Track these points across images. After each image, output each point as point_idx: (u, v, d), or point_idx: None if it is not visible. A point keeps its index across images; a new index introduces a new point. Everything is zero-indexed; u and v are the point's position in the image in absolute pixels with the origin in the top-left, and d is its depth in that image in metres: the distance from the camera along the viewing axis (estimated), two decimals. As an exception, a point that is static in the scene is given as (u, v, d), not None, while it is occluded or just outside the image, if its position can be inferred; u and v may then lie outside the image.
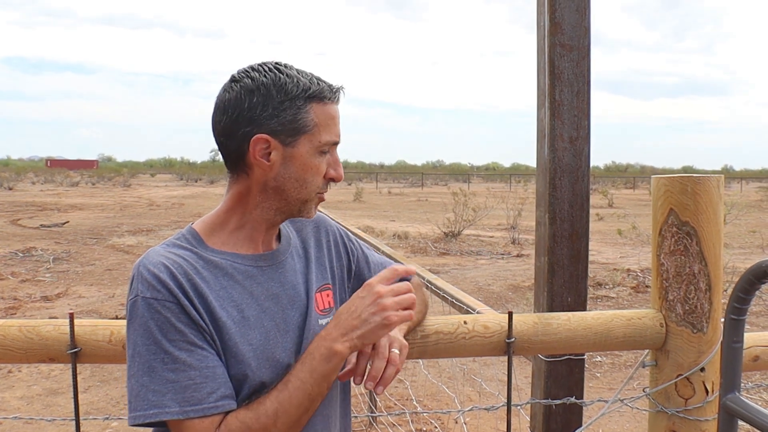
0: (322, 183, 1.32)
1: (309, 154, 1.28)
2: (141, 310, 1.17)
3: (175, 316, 1.17)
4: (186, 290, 1.19)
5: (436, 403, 5.00)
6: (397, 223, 19.35)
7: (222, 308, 1.22)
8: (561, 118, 1.93)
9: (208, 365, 1.18)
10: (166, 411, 1.13)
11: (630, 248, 14.25)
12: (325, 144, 1.29)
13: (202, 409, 1.15)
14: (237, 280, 1.26)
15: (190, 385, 1.15)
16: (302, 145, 1.27)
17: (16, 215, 20.70)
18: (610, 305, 8.58)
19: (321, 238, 1.47)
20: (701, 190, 1.54)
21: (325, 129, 1.28)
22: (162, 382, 1.14)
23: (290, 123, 1.25)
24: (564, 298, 1.96)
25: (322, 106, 1.28)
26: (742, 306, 1.14)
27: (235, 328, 1.22)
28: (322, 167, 1.31)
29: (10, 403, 5.07)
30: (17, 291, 9.26)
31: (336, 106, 1.31)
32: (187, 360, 1.16)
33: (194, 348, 1.17)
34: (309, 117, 1.26)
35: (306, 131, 1.27)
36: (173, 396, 1.14)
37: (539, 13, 1.99)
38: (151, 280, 1.18)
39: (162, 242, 1.30)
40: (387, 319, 1.22)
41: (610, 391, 5.33)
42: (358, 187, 38.52)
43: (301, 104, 1.26)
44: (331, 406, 1.37)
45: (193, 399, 1.14)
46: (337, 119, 1.31)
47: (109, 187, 43.76)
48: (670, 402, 1.59)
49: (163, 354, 1.15)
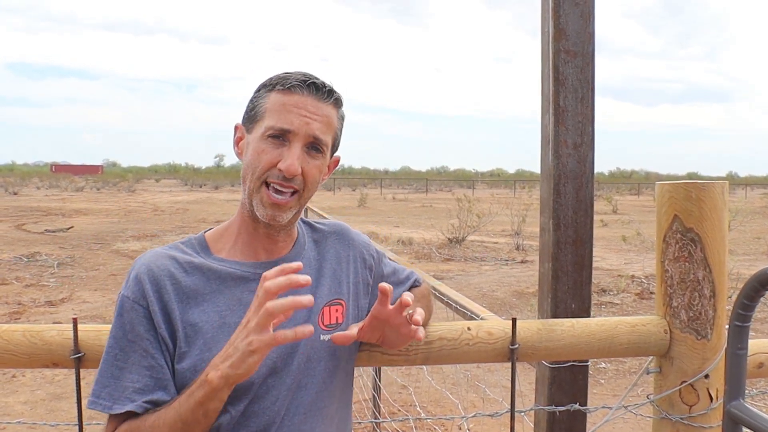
0: (269, 172, 1.26)
1: (257, 139, 1.28)
2: (118, 306, 1.24)
3: (139, 319, 1.22)
4: (160, 296, 1.22)
5: (440, 410, 4.98)
6: (402, 229, 19.34)
7: (203, 312, 1.24)
8: (565, 125, 1.93)
9: (153, 375, 1.21)
10: (99, 403, 1.20)
11: (634, 254, 14.22)
12: (270, 128, 1.26)
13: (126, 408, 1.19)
14: (228, 286, 1.28)
15: (128, 387, 1.20)
16: (255, 131, 1.30)
17: (21, 220, 20.74)
18: (615, 312, 8.56)
19: (341, 251, 1.45)
20: (705, 197, 1.54)
21: (275, 114, 1.26)
22: (107, 376, 1.21)
23: (251, 111, 1.31)
24: (568, 305, 1.95)
25: (280, 94, 1.28)
26: (746, 313, 1.14)
27: (211, 332, 1.24)
28: (269, 154, 1.26)
29: (13, 407, 5.07)
30: (21, 296, 9.27)
31: (301, 98, 1.26)
32: (136, 363, 1.21)
33: (146, 354, 1.21)
34: (263, 103, 1.29)
35: (258, 117, 1.29)
36: (111, 391, 1.20)
37: (543, 20, 1.99)
38: (133, 280, 1.24)
39: (168, 244, 1.33)
40: (250, 344, 1.09)
41: (614, 398, 5.31)
42: (362, 193, 38.51)
43: (262, 93, 1.30)
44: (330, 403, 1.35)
45: (126, 400, 1.19)
46: (296, 109, 1.25)
47: (114, 193, 43.85)
48: (674, 409, 1.59)
49: (118, 351, 1.22)
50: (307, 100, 1.27)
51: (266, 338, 1.08)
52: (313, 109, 1.27)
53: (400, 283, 1.54)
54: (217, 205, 29.74)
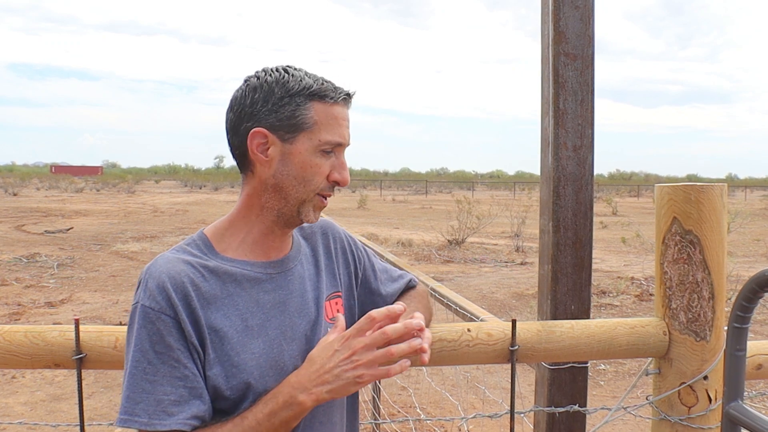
0: (323, 184, 1.30)
1: (308, 152, 1.27)
2: (138, 317, 1.18)
3: (167, 329, 1.18)
4: (187, 303, 1.19)
5: (440, 411, 4.99)
6: (401, 231, 19.35)
7: (225, 317, 1.22)
8: (565, 127, 1.94)
9: (186, 385, 1.18)
10: (135, 420, 1.14)
11: (634, 256, 14.23)
12: (326, 143, 1.27)
13: (169, 424, 1.15)
14: (244, 288, 1.27)
15: (164, 400, 1.15)
16: (301, 143, 1.27)
17: (21, 221, 20.75)
18: (614, 313, 8.56)
19: (330, 245, 1.47)
20: (704, 199, 1.54)
21: (326, 128, 1.27)
22: (138, 391, 1.15)
23: (288, 119, 1.26)
24: (567, 306, 1.96)
25: (324, 105, 1.27)
26: (745, 314, 1.15)
27: (236, 337, 1.22)
28: (324, 167, 1.29)
29: (14, 408, 5.08)
30: (21, 297, 9.28)
31: (342, 108, 1.29)
32: (167, 374, 1.16)
33: (177, 365, 1.17)
34: (309, 114, 1.26)
35: (305, 128, 1.26)
36: (145, 407, 1.15)
37: (543, 22, 2.00)
38: (153, 290, 1.19)
39: (172, 247, 1.30)
40: (360, 377, 1.19)
41: (613, 399, 5.32)
42: (362, 194, 38.53)
43: (301, 101, 1.26)
44: (335, 410, 1.37)
45: (163, 414, 1.15)
46: (342, 121, 1.29)
47: (114, 194, 43.87)
48: (673, 410, 1.59)
49: (146, 364, 1.16)
50: (345, 111, 1.31)
51: (379, 373, 1.19)
52: (348, 118, 1.32)
53: (393, 280, 1.55)
54: (217, 207, 29.74)
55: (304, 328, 1.31)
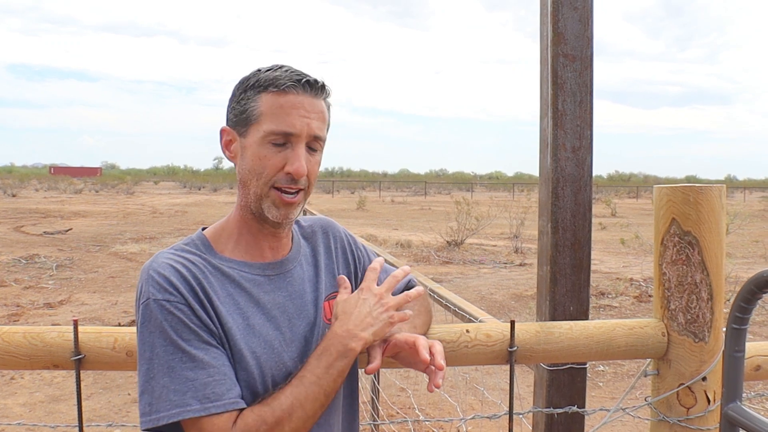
0: (276, 176, 1.25)
1: (257, 144, 1.25)
2: (154, 312, 1.17)
3: (188, 317, 1.18)
4: (196, 292, 1.20)
5: (438, 412, 4.99)
6: (400, 232, 19.35)
7: (228, 314, 1.23)
8: (564, 128, 1.94)
9: (224, 363, 1.19)
10: (188, 409, 1.14)
11: (633, 258, 14.23)
12: (270, 133, 1.24)
13: (223, 404, 1.15)
14: (244, 288, 1.27)
15: (210, 383, 1.16)
16: (252, 135, 1.26)
17: (20, 222, 20.73)
18: (613, 314, 8.56)
19: (330, 244, 1.47)
20: (703, 200, 1.54)
21: (272, 118, 1.24)
22: (182, 381, 1.15)
23: (241, 113, 1.27)
24: (566, 307, 1.96)
25: (273, 95, 1.24)
26: (743, 315, 1.15)
27: (240, 334, 1.23)
28: (274, 159, 1.25)
29: (12, 409, 5.07)
30: (20, 298, 9.27)
31: (296, 97, 1.24)
32: (204, 358, 1.17)
33: (209, 347, 1.18)
34: (255, 106, 1.25)
35: (252, 121, 1.25)
36: (194, 394, 1.14)
37: (542, 24, 2.00)
38: (162, 282, 1.19)
39: (170, 246, 1.30)
40: (392, 317, 1.28)
41: (612, 401, 5.32)
42: (361, 195, 38.51)
43: (251, 94, 1.26)
44: (333, 413, 1.37)
45: (213, 395, 1.15)
46: (293, 110, 1.24)
47: (113, 195, 43.84)
48: (671, 411, 1.59)
49: (180, 353, 1.16)
50: (304, 99, 1.25)
51: (403, 314, 1.30)
52: (310, 107, 1.26)
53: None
54: (216, 208, 29.74)
55: (303, 330, 1.31)
